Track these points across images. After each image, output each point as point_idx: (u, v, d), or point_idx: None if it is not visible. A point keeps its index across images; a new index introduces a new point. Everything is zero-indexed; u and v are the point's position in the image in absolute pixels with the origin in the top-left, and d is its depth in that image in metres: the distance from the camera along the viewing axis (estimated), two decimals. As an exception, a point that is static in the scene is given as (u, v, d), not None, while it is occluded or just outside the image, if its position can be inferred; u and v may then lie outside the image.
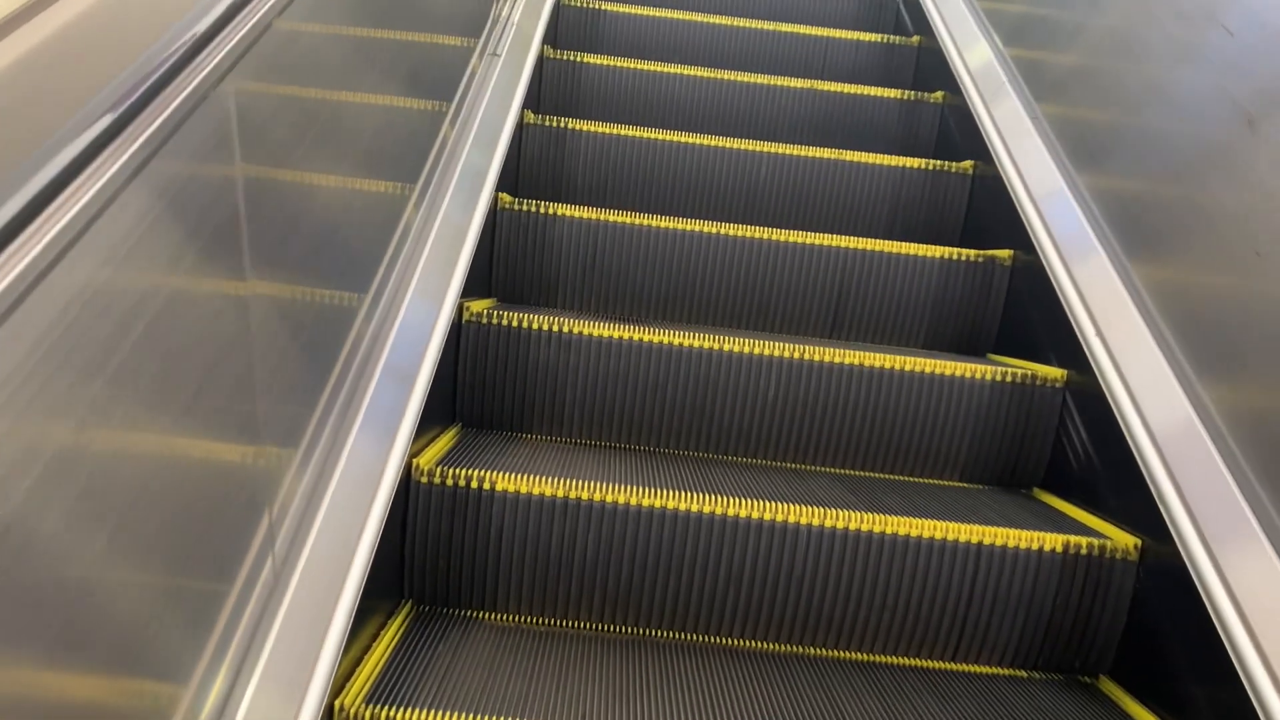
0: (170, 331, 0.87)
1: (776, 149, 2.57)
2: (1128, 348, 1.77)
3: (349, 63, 1.41)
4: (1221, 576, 1.41)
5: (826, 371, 1.95)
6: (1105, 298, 1.88)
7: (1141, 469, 1.62)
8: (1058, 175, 2.18)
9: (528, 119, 2.53)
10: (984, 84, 2.65)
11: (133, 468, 0.82)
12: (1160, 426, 1.63)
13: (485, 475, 1.61)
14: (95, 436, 0.75)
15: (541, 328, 1.94)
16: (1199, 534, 1.47)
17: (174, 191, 0.86)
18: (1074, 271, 1.99)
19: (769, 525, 1.61)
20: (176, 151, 0.84)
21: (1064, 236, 2.07)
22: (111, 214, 0.74)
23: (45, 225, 0.67)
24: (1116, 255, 1.90)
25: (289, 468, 1.19)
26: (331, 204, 1.36)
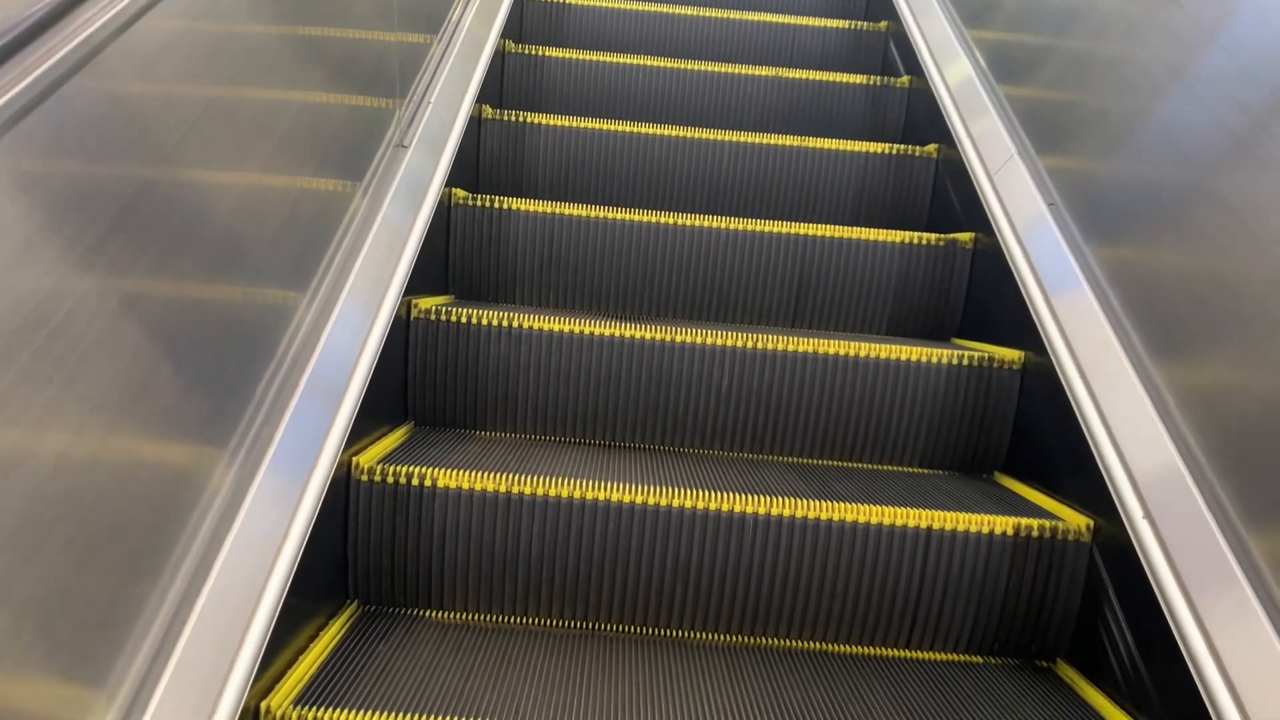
0: (76, 322, 0.86)
1: (739, 138, 2.55)
2: (1080, 328, 1.74)
3: (273, 43, 1.39)
4: (1167, 556, 1.38)
5: (783, 360, 1.93)
6: (1059, 277, 1.85)
7: (1093, 449, 1.59)
8: (1015, 153, 2.16)
9: (486, 114, 2.51)
10: (946, 66, 2.63)
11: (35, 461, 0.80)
12: (1110, 406, 1.60)
13: (427, 472, 1.59)
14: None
15: (492, 323, 1.92)
16: (1146, 514, 1.44)
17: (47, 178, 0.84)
18: (1029, 251, 1.96)
19: (715, 515, 1.59)
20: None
21: (1019, 217, 2.04)
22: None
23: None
24: (1071, 235, 1.87)
25: (213, 466, 1.18)
26: (260, 198, 1.35)
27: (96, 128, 0.98)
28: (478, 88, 2.44)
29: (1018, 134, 2.20)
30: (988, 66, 2.46)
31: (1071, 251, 1.83)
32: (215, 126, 1.23)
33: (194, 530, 1.12)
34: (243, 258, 1.30)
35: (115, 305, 0.98)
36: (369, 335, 1.65)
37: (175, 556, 1.08)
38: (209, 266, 1.20)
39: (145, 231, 1.04)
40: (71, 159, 0.93)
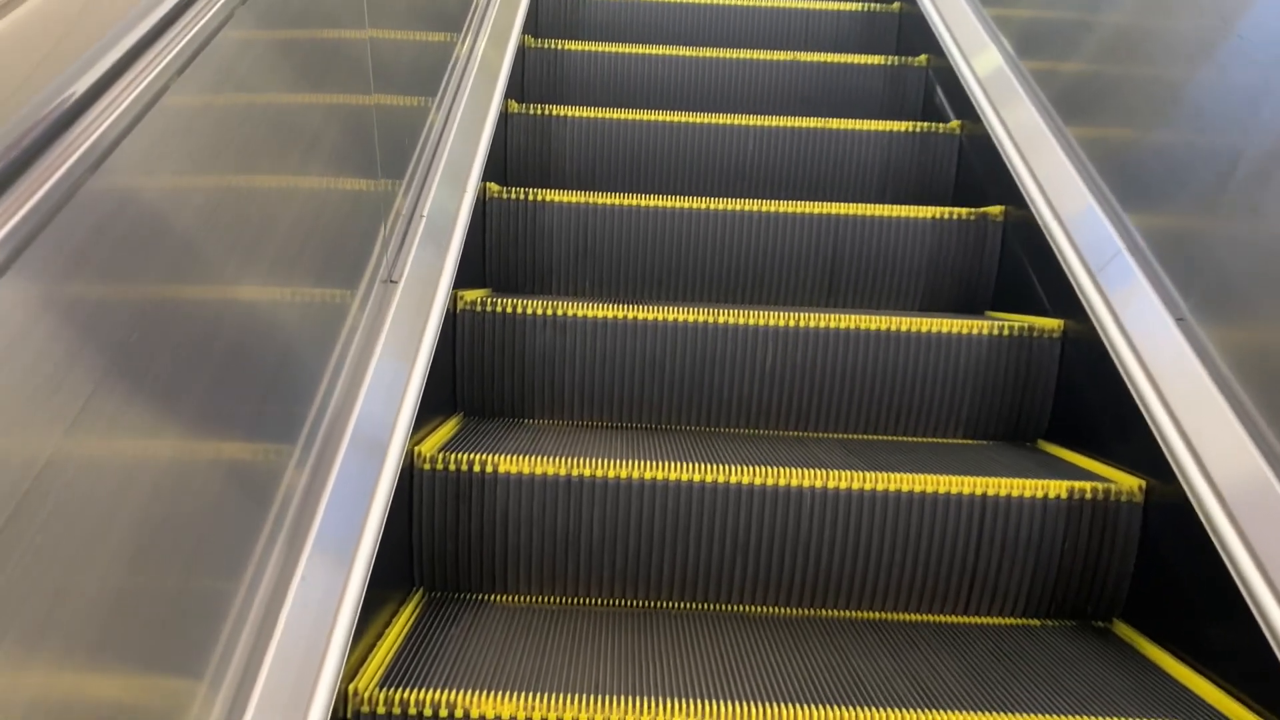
0: (173, 328, 0.88)
1: (763, 122, 2.57)
2: (1122, 293, 1.77)
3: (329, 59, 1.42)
4: (1227, 511, 1.40)
5: (823, 338, 1.95)
6: (1096, 244, 1.87)
7: (1142, 411, 1.62)
8: (1044, 127, 2.18)
9: (511, 108, 2.54)
10: (966, 43, 2.65)
11: (135, 471, 0.83)
12: (1158, 367, 1.63)
13: (488, 459, 1.61)
14: (101, 442, 0.76)
15: (536, 312, 1.95)
16: (1202, 470, 1.47)
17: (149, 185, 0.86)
18: (1065, 220, 1.99)
19: (771, 490, 1.61)
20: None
21: (1053, 188, 2.07)
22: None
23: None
24: (1107, 201, 1.89)
25: (287, 464, 1.20)
26: (314, 199, 1.37)
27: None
28: (506, 79, 2.47)
29: (1044, 107, 2.22)
30: (1007, 40, 2.48)
31: (1109, 219, 1.85)
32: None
33: (278, 525, 1.15)
34: (329, 267, 1.33)
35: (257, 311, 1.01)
36: (426, 326, 1.68)
37: (261, 550, 1.10)
38: (291, 265, 1.23)
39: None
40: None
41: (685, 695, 1.31)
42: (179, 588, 0.92)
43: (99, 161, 0.78)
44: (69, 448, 0.73)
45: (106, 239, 0.79)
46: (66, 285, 0.74)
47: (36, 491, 0.68)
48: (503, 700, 1.28)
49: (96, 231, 0.78)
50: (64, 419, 0.72)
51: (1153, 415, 1.58)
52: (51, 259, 0.72)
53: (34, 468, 0.69)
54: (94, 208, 0.77)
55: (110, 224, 0.80)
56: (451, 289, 1.84)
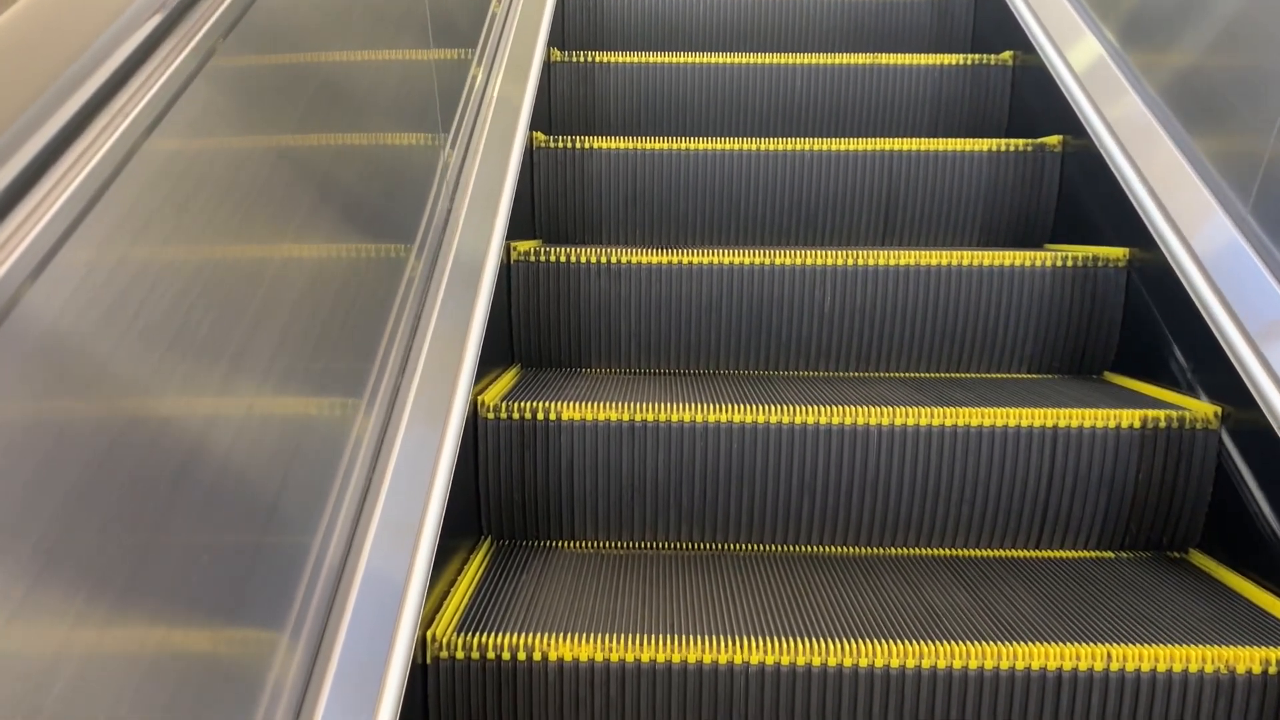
0: (263, 297, 0.88)
1: (810, 59, 2.52)
2: (1192, 217, 1.72)
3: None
4: (1310, 433, 1.37)
5: (881, 276, 1.92)
6: (1164, 170, 1.82)
7: (1217, 336, 1.58)
8: (1103, 52, 2.11)
9: (554, 57, 2.51)
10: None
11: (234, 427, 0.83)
12: (1234, 292, 1.59)
13: (550, 406, 1.61)
14: (211, 400, 0.76)
15: (590, 260, 1.93)
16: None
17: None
18: (1129, 148, 1.93)
19: (838, 430, 1.60)
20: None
21: (1115, 115, 2.01)
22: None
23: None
24: (1174, 127, 1.84)
25: (356, 417, 1.20)
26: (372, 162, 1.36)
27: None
28: (548, 28, 2.44)
29: (1099, 29, 2.16)
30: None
31: (1175, 144, 1.80)
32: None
33: (348, 474, 1.15)
34: (392, 222, 1.32)
35: (326, 277, 1.01)
36: (482, 277, 1.67)
37: (334, 499, 1.11)
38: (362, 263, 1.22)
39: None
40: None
41: (761, 633, 1.31)
42: (261, 539, 0.93)
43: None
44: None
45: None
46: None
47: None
48: (579, 642, 1.29)
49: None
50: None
51: (1228, 340, 1.54)
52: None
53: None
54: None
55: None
56: (505, 240, 1.83)
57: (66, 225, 0.63)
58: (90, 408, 0.65)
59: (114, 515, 0.67)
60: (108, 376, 0.68)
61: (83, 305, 0.65)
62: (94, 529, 0.64)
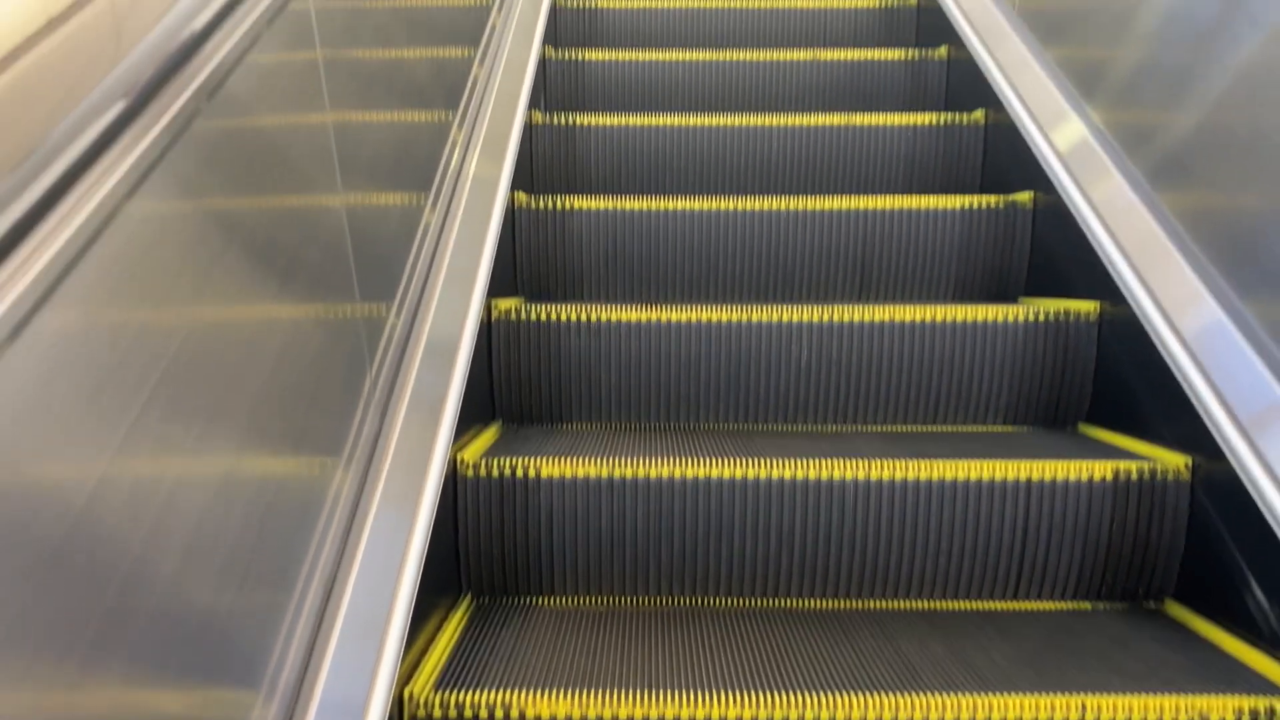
0: (215, 362, 0.90)
1: (786, 120, 2.57)
2: (1158, 270, 1.75)
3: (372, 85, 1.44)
4: (1276, 483, 1.39)
5: (857, 331, 1.95)
6: (1132, 226, 1.86)
7: (1185, 389, 1.60)
8: (1070, 112, 2.17)
9: (536, 119, 2.56)
10: (986, 33, 2.64)
11: (196, 489, 0.85)
12: (1199, 344, 1.61)
13: (530, 462, 1.63)
14: (168, 460, 0.78)
15: (570, 318, 1.96)
16: (1249, 444, 1.45)
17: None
18: (1097, 205, 1.97)
19: (815, 483, 1.61)
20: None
21: (1084, 172, 2.06)
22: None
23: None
24: (1139, 183, 1.88)
25: (334, 476, 1.22)
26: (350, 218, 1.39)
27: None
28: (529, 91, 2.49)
29: (1067, 89, 2.21)
30: (1028, 26, 2.47)
31: (1141, 198, 1.84)
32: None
33: (324, 537, 1.16)
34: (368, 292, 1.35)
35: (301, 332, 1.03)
36: (461, 336, 1.69)
37: (311, 563, 1.12)
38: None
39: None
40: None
41: (738, 687, 1.31)
42: (236, 600, 0.94)
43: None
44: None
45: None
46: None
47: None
48: (557, 698, 1.29)
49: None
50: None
51: (1195, 392, 1.57)
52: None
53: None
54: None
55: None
56: (486, 298, 1.85)
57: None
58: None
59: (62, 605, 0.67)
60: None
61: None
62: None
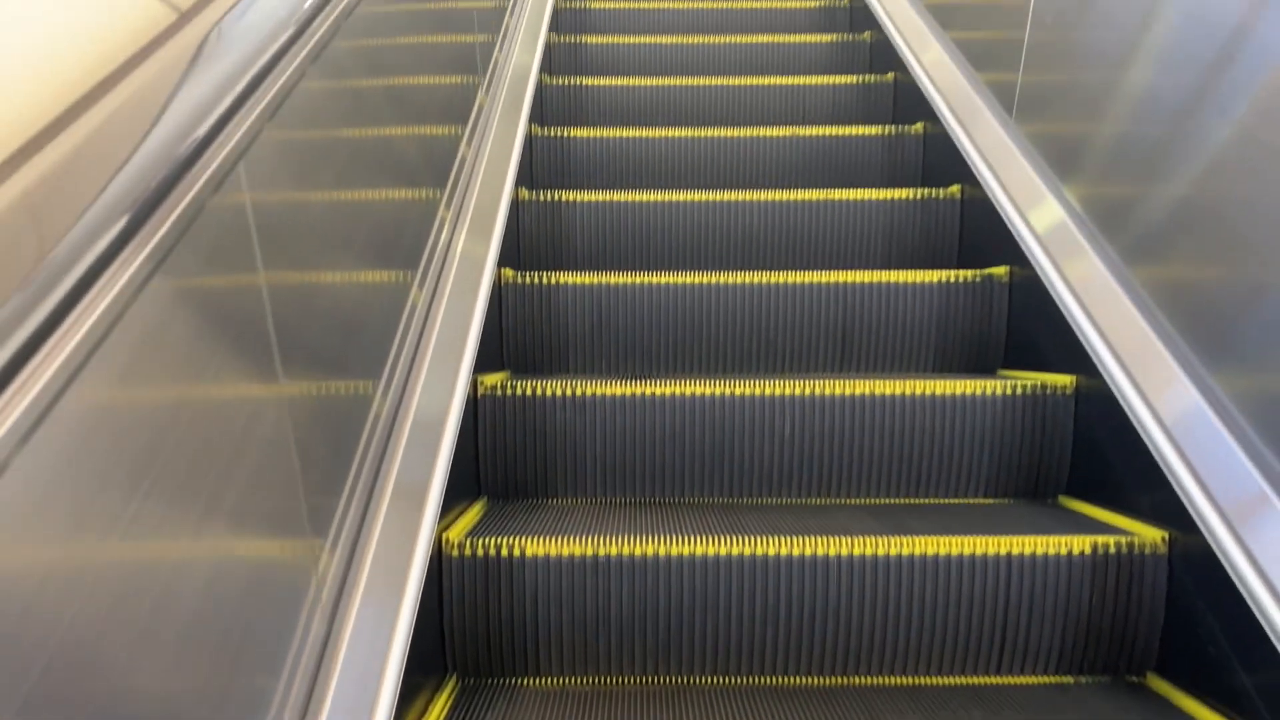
0: (198, 440, 0.92)
1: (767, 195, 2.63)
2: (1132, 346, 1.79)
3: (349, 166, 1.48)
4: (1250, 559, 1.41)
5: (839, 404, 1.98)
6: (1105, 301, 1.90)
7: (1160, 463, 1.63)
8: (1043, 187, 2.22)
9: (522, 196, 2.60)
10: (961, 110, 2.71)
11: (166, 574, 0.86)
12: (1173, 419, 1.65)
13: (515, 541, 1.64)
14: (152, 545, 0.79)
15: (555, 393, 1.98)
16: (1223, 519, 1.48)
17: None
18: (1070, 279, 2.02)
19: (798, 560, 1.63)
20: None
21: (1056, 246, 2.10)
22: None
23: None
24: (1109, 257, 1.93)
25: (319, 558, 1.23)
26: (339, 296, 1.42)
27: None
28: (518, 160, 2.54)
29: (1039, 164, 2.27)
30: (1001, 104, 2.54)
31: (1113, 274, 1.88)
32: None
33: (310, 620, 1.17)
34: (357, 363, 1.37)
35: (291, 409, 1.05)
36: (448, 414, 1.71)
37: (297, 648, 1.12)
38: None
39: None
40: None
41: (724, 770, 1.31)
42: (220, 687, 0.94)
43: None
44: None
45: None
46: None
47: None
48: (542, 784, 1.29)
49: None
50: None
51: (1170, 466, 1.60)
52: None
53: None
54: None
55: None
56: (472, 375, 1.88)
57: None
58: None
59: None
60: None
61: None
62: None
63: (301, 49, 1.22)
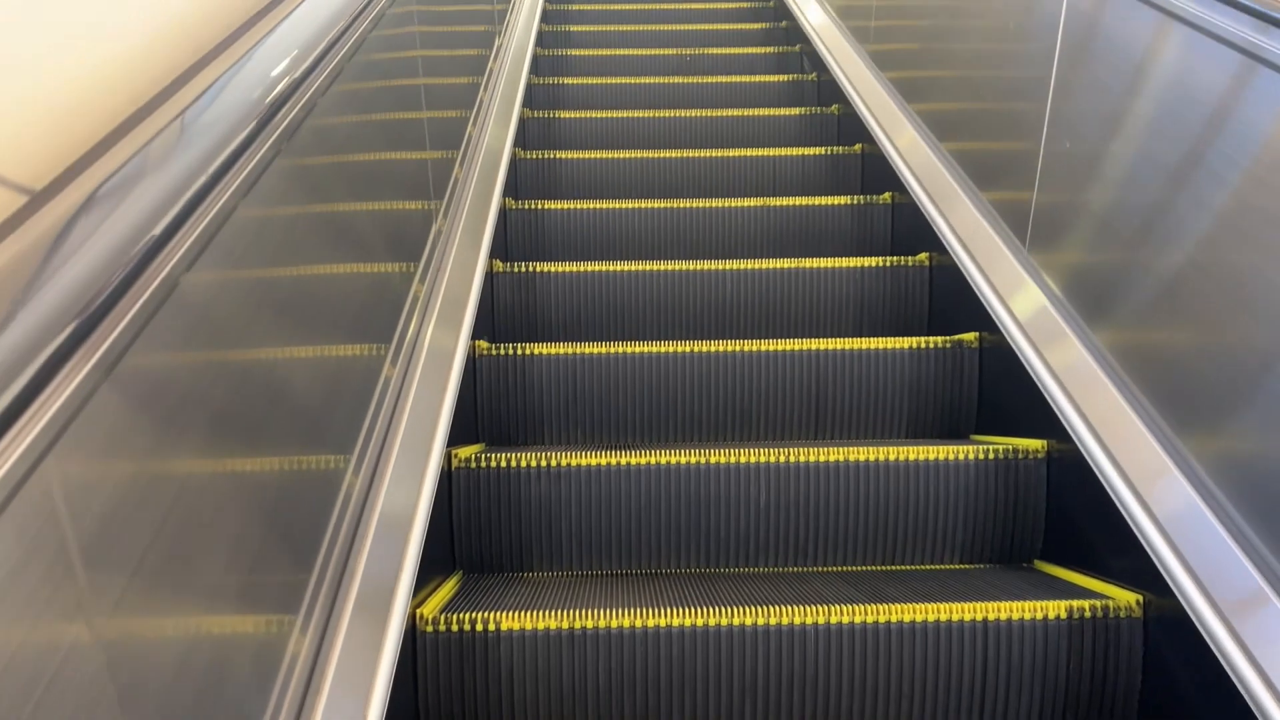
0: (158, 522, 0.91)
1: (739, 265, 2.66)
2: (1101, 411, 1.81)
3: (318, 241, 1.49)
4: (1224, 620, 1.42)
5: (814, 471, 1.99)
6: (1072, 365, 1.93)
7: (1131, 526, 1.64)
8: (1008, 254, 2.27)
9: (497, 268, 2.63)
10: (927, 180, 2.77)
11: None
12: (1144, 483, 1.66)
13: (490, 616, 1.62)
14: (115, 627, 0.78)
15: (530, 464, 1.98)
16: (1195, 582, 1.49)
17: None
18: (1039, 344, 2.05)
19: (775, 630, 1.62)
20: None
21: (1025, 313, 2.14)
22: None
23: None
24: (1077, 323, 1.96)
25: (290, 635, 1.21)
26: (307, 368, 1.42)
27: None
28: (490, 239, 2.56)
29: (1005, 233, 2.32)
30: (965, 173, 2.60)
31: (1079, 338, 1.91)
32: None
33: (280, 701, 1.15)
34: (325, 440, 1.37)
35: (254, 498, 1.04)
36: (421, 489, 1.70)
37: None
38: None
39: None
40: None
41: None
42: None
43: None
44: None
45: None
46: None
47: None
48: None
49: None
50: None
51: (1142, 530, 1.61)
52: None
53: None
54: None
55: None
56: (446, 448, 1.87)
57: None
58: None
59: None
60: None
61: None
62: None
63: (293, 109, 1.24)
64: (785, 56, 4.35)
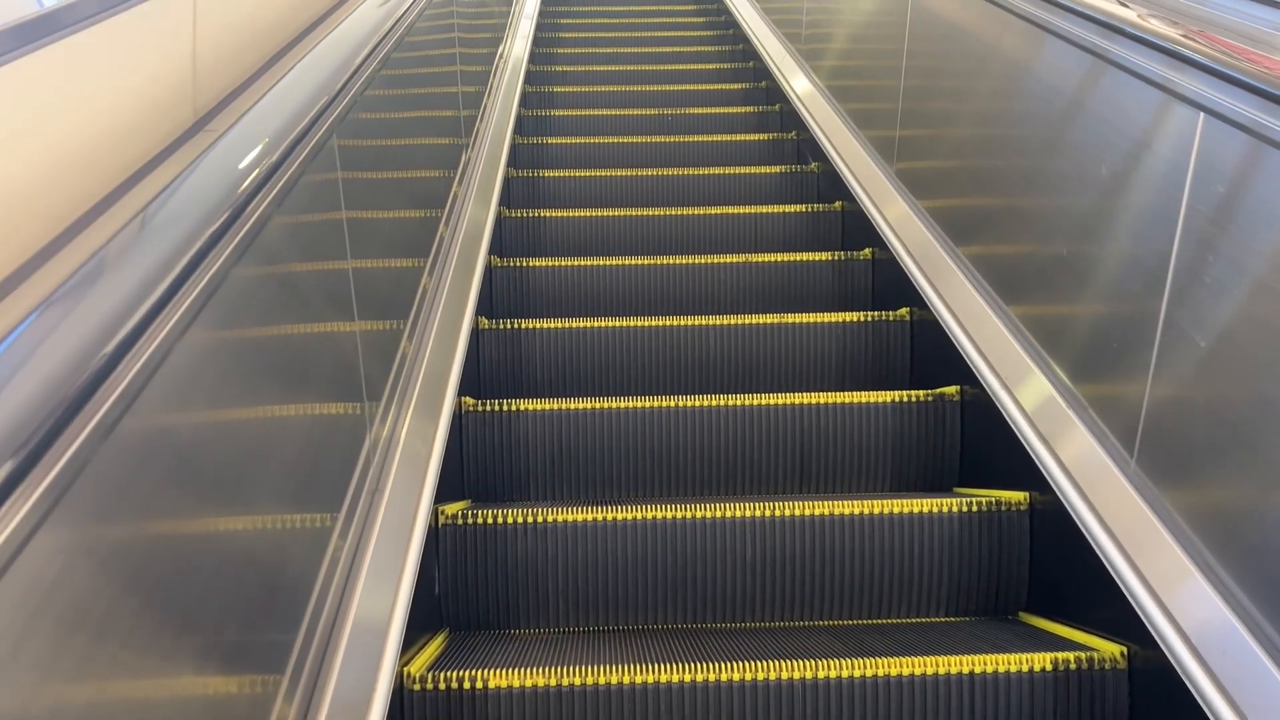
0: (153, 576, 0.92)
1: (723, 321, 2.69)
2: (1081, 463, 1.84)
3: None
4: (1208, 671, 1.43)
5: (799, 525, 2.00)
6: (1052, 418, 1.96)
7: (1115, 578, 1.66)
8: (988, 310, 2.30)
9: (482, 325, 2.65)
10: (906, 237, 2.82)
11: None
12: (1126, 533, 1.68)
13: (477, 674, 1.62)
14: (109, 689, 0.79)
15: (516, 520, 1.99)
16: (1179, 633, 1.50)
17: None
18: (1018, 396, 2.08)
19: (763, 685, 1.62)
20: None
21: (1003, 365, 2.17)
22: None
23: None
24: (1054, 375, 1.99)
25: (275, 697, 1.21)
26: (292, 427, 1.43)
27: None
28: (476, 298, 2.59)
29: (981, 285, 2.36)
30: (944, 231, 2.65)
31: (1060, 393, 1.94)
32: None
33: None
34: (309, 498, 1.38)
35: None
36: (409, 547, 1.71)
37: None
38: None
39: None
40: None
41: None
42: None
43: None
44: None
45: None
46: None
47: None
48: None
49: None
50: None
51: (1125, 582, 1.62)
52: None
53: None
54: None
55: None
56: (433, 505, 1.88)
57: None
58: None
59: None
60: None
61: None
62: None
63: (302, 150, 1.26)
64: (765, 115, 4.44)
